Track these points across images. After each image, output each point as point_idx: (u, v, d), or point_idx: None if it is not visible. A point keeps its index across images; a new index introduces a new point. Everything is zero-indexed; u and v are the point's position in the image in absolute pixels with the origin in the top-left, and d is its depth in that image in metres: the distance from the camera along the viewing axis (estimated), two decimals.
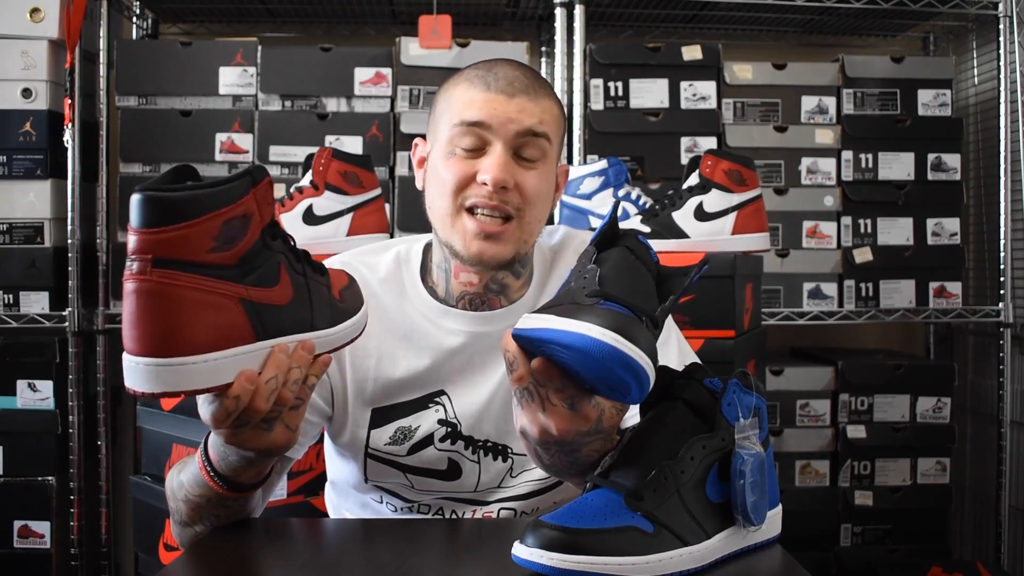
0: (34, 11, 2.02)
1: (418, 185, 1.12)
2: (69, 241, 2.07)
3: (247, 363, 0.73)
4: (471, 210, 1.02)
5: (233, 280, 0.71)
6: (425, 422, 1.06)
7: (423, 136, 1.12)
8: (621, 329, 0.70)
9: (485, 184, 1.00)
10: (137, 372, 0.70)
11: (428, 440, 1.06)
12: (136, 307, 0.68)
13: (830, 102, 2.26)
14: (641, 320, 0.74)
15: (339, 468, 1.14)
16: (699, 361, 0.97)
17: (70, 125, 2.02)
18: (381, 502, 1.11)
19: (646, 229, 1.67)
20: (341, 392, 1.07)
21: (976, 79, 2.48)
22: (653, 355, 0.73)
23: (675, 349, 1.12)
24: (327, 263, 0.95)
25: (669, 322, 1.18)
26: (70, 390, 2.06)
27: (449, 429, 1.07)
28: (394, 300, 1.09)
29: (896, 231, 2.27)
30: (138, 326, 0.69)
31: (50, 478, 2.04)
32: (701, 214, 1.68)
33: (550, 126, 1.04)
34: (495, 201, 1.00)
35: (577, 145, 2.17)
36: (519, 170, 1.02)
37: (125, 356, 0.71)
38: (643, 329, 0.73)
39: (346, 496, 1.16)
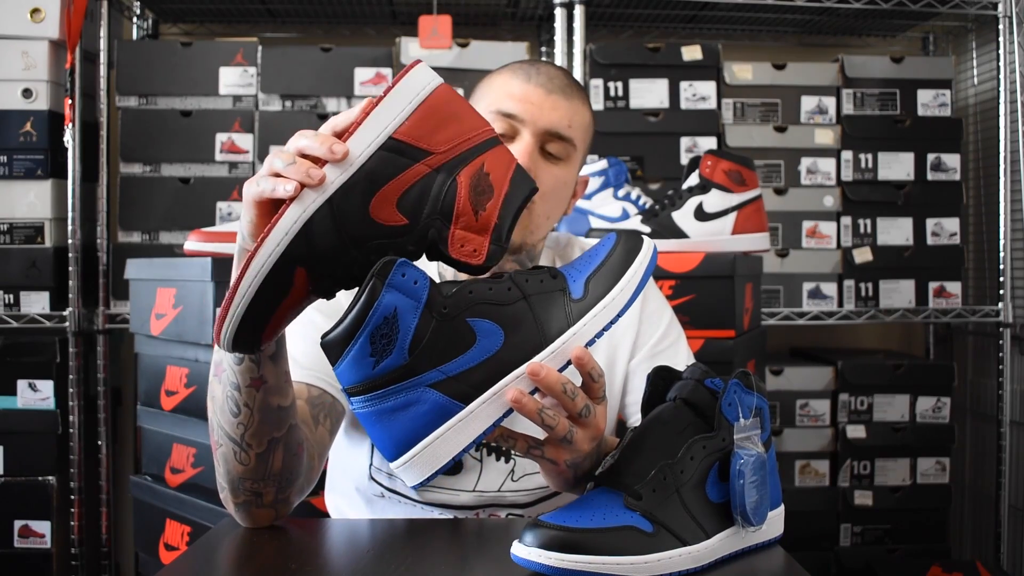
0: (34, 11, 2.02)
1: None
2: (69, 241, 2.07)
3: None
4: None
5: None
6: None
7: None
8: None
9: None
10: None
11: None
12: None
13: (830, 102, 2.26)
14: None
15: (345, 464, 1.13)
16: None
17: (70, 125, 2.02)
18: (382, 497, 1.11)
19: (646, 229, 1.67)
20: None
21: (976, 79, 2.48)
22: None
23: (684, 355, 1.17)
24: None
25: (675, 324, 1.19)
26: (70, 390, 2.06)
27: None
28: None
29: (896, 231, 2.27)
30: None
31: (50, 478, 2.04)
32: (701, 214, 1.69)
33: (577, 132, 1.08)
34: None
35: None
36: (542, 162, 1.06)
37: None
38: None
39: (348, 497, 1.15)
